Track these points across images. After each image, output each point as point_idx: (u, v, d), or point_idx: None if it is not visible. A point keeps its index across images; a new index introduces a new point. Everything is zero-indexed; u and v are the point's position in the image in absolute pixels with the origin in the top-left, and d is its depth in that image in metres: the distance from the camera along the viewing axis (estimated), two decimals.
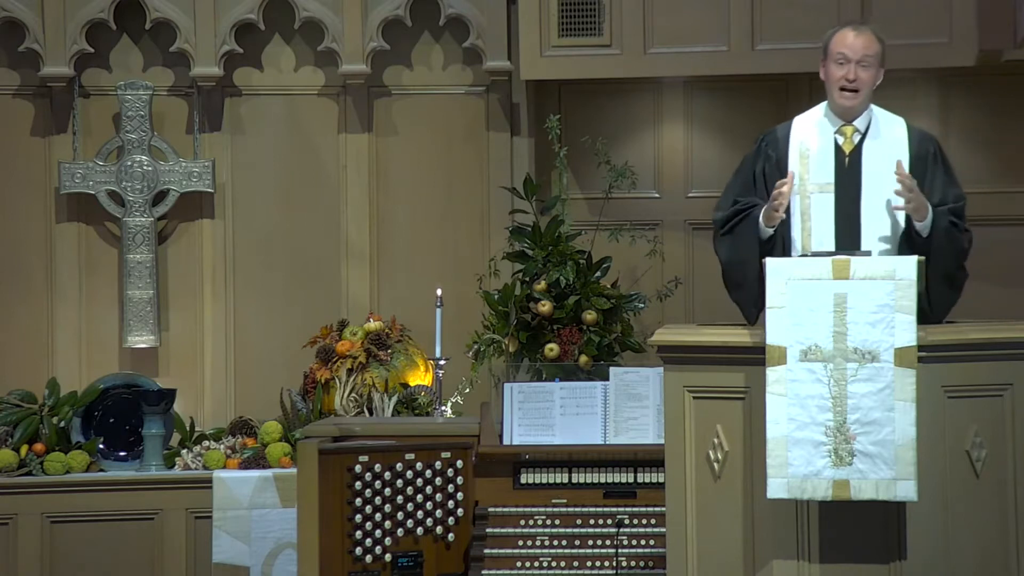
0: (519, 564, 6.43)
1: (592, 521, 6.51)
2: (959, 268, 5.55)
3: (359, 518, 6.35)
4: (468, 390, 7.63)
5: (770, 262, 5.09)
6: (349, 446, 6.50)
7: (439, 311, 7.26)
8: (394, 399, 7.71)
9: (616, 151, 8.13)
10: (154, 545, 7.64)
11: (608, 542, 6.39)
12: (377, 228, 8.32)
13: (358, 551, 6.35)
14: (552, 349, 7.42)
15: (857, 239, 5.52)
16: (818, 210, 5.57)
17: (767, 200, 5.55)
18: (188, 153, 8.22)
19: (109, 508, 7.60)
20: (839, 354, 4.97)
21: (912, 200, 5.41)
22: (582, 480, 6.62)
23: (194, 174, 8.18)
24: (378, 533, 6.39)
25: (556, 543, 6.45)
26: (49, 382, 7.88)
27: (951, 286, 5.54)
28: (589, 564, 6.41)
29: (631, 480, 6.61)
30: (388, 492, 6.41)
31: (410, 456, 6.48)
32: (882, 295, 4.97)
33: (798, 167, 5.61)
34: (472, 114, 8.35)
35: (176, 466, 7.73)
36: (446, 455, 6.53)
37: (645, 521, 6.45)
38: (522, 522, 6.52)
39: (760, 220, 5.53)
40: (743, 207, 5.61)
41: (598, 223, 8.02)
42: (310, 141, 8.34)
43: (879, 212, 5.55)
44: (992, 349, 5.11)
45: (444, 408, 7.35)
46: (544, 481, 6.63)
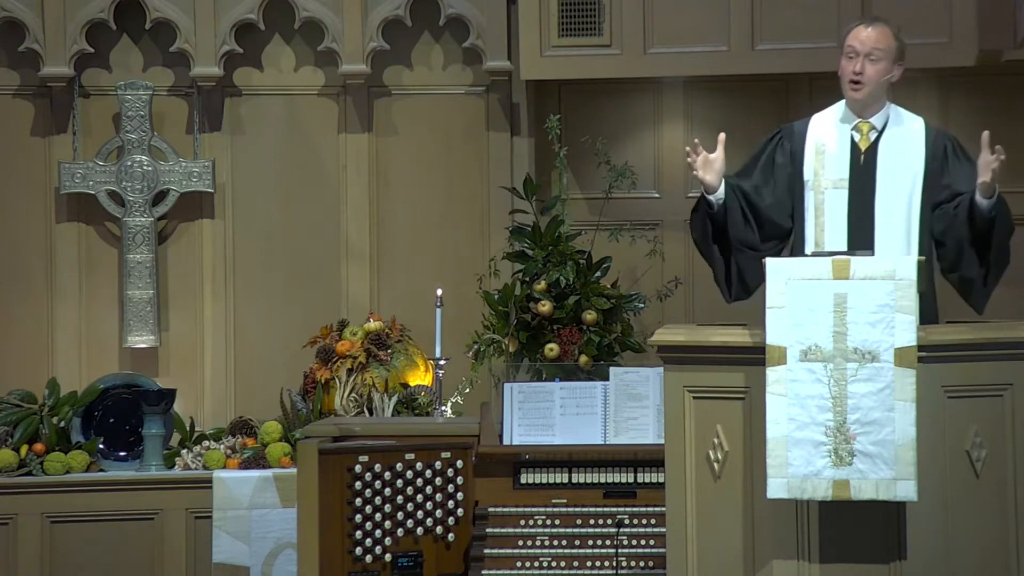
0: (519, 564, 6.43)
1: (592, 521, 6.51)
2: (1008, 242, 5.58)
3: (359, 518, 6.35)
4: (468, 390, 7.64)
5: (770, 262, 5.09)
6: (349, 446, 6.50)
7: (439, 311, 7.25)
8: (394, 399, 7.71)
9: (616, 151, 8.14)
10: (154, 545, 7.63)
11: (608, 542, 6.39)
12: (377, 228, 8.32)
13: (358, 551, 6.35)
14: (552, 349, 7.42)
15: (870, 236, 5.54)
16: (832, 206, 5.60)
17: (774, 186, 5.61)
18: (188, 153, 8.22)
19: (109, 508, 7.60)
20: (839, 354, 4.97)
21: (995, 175, 5.40)
22: (582, 480, 6.62)
23: (194, 174, 8.18)
24: (378, 533, 6.39)
25: (556, 543, 6.45)
26: (49, 382, 7.88)
27: (1000, 264, 5.57)
28: (589, 564, 6.41)
29: (631, 480, 6.61)
30: (388, 492, 6.41)
31: (410, 456, 6.48)
32: (882, 295, 4.97)
33: (814, 162, 5.64)
34: (472, 114, 8.35)
35: (176, 466, 7.73)
36: (446, 455, 6.53)
37: (645, 521, 6.45)
38: (522, 522, 6.52)
39: (703, 194, 5.62)
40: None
41: (598, 223, 8.02)
42: (310, 141, 8.34)
43: (893, 209, 5.56)
44: (992, 349, 5.11)
45: (444, 408, 7.35)
46: (544, 481, 6.63)
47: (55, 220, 8.20)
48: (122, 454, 7.85)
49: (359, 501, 6.36)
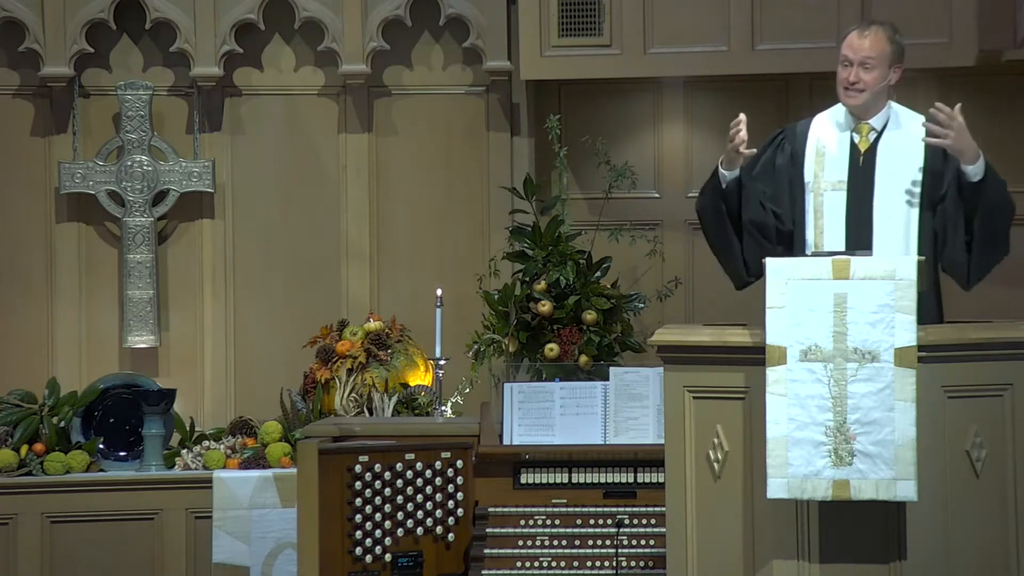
0: (519, 564, 6.42)
1: (592, 521, 6.51)
2: (1007, 225, 5.51)
3: (359, 518, 6.35)
4: (468, 390, 7.63)
5: (770, 262, 5.09)
6: (349, 446, 6.50)
7: (439, 311, 7.25)
8: (394, 399, 7.71)
9: (616, 151, 8.13)
10: (154, 545, 7.63)
11: (608, 542, 6.39)
12: (377, 228, 8.32)
13: (358, 551, 6.35)
14: (552, 349, 7.42)
15: (869, 237, 5.54)
16: (830, 208, 5.59)
17: (776, 191, 5.60)
18: (188, 153, 8.22)
19: (109, 508, 7.60)
20: (839, 354, 4.97)
21: (952, 136, 5.35)
22: (582, 480, 6.62)
23: (194, 174, 8.18)
24: (378, 533, 6.39)
25: (556, 543, 6.45)
26: (49, 382, 7.88)
27: (995, 245, 5.50)
28: (589, 564, 6.41)
29: (631, 480, 6.61)
30: (388, 492, 6.41)
31: (410, 456, 6.48)
32: (882, 295, 4.97)
33: (814, 164, 5.64)
34: (472, 114, 8.35)
35: (176, 466, 7.73)
36: (446, 455, 6.53)
37: (645, 521, 6.45)
38: (522, 522, 6.52)
39: (720, 166, 5.57)
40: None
41: (598, 223, 8.02)
42: (310, 141, 8.34)
43: (892, 211, 5.56)
44: (992, 349, 5.11)
45: (444, 408, 7.35)
46: (544, 481, 6.63)
47: (55, 220, 8.20)
48: (122, 454, 7.85)
49: (359, 501, 6.36)
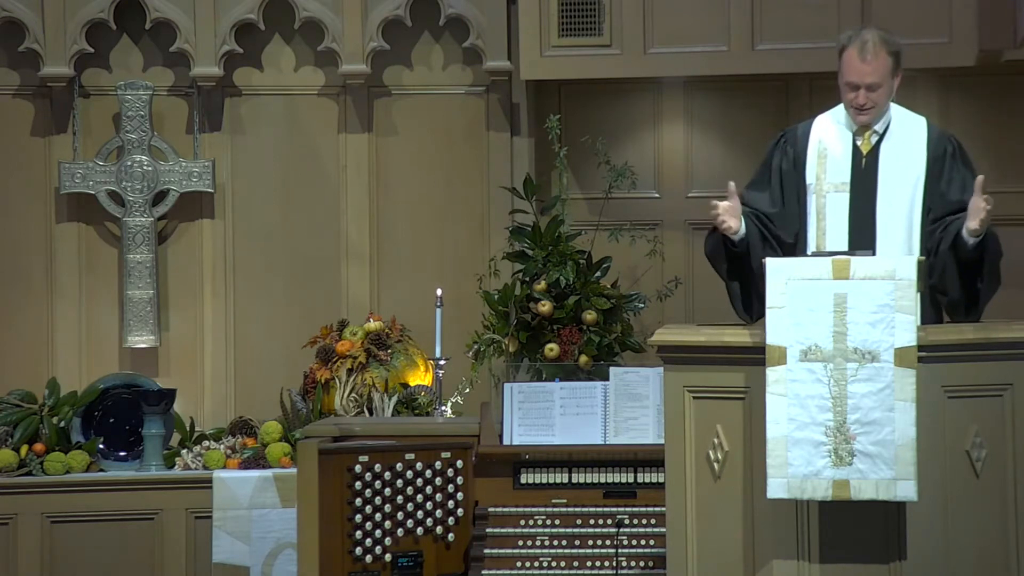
0: (519, 564, 6.43)
1: (592, 521, 6.51)
2: (997, 267, 5.52)
3: (359, 518, 6.35)
4: (468, 390, 7.63)
5: (770, 262, 5.09)
6: (349, 446, 6.50)
7: (439, 311, 7.26)
8: (394, 399, 7.71)
9: (616, 151, 8.14)
10: (154, 545, 7.64)
11: (608, 542, 6.39)
12: (377, 228, 8.33)
13: (358, 551, 6.35)
14: (552, 349, 7.42)
15: (872, 239, 5.52)
16: (833, 210, 5.58)
17: (782, 193, 5.59)
18: (188, 153, 8.22)
19: (109, 508, 7.60)
20: (839, 354, 4.97)
21: (985, 222, 5.35)
22: (582, 480, 6.62)
23: (194, 174, 8.18)
24: (378, 533, 6.39)
25: (556, 543, 6.45)
26: (49, 382, 7.88)
27: (988, 292, 5.50)
28: (589, 564, 6.41)
29: (631, 480, 6.61)
30: (388, 492, 6.41)
31: (410, 456, 6.48)
32: (882, 295, 4.97)
33: (816, 166, 5.63)
34: (472, 114, 8.35)
35: (176, 466, 7.73)
36: (446, 455, 6.53)
37: (645, 521, 6.45)
38: (522, 522, 6.52)
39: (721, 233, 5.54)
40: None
41: (598, 223, 8.02)
42: (310, 141, 8.34)
43: (894, 213, 5.54)
44: (992, 349, 5.11)
45: (444, 408, 7.35)
46: (544, 481, 6.63)
47: (55, 220, 8.20)
48: (122, 454, 7.85)
49: (359, 501, 6.36)
